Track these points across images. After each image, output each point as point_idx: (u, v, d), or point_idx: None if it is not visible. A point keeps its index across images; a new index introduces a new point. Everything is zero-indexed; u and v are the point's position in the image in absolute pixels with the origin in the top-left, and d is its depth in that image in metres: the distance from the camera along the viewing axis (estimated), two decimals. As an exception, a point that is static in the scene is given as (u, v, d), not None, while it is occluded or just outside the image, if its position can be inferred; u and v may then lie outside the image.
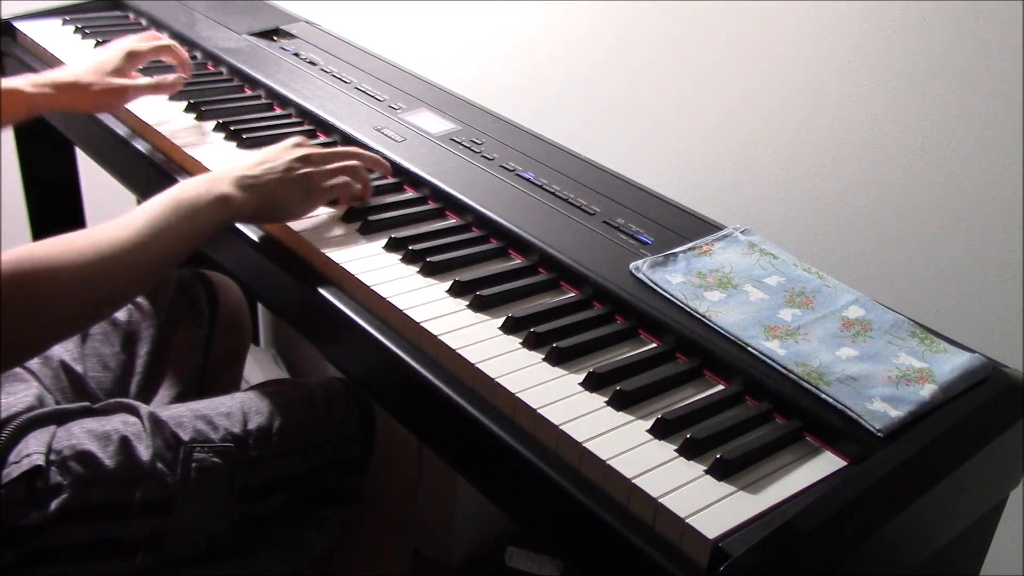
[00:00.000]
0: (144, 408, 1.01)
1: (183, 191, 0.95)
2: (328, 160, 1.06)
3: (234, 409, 1.04)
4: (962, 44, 1.17)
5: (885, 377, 0.86)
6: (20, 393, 1.03)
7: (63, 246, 0.85)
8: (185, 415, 1.02)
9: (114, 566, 0.96)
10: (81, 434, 0.96)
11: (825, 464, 0.80)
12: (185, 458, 0.98)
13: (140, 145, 1.27)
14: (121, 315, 1.22)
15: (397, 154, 1.20)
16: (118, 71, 1.25)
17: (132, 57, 1.27)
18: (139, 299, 1.25)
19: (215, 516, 1.00)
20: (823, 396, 0.84)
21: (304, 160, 1.04)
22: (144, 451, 0.97)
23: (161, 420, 1.00)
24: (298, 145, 1.06)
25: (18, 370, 1.07)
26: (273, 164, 1.02)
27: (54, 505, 0.92)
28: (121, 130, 1.31)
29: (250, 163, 1.02)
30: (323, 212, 1.10)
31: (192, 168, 1.19)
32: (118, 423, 0.99)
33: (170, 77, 1.28)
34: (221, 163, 1.06)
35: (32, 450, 0.93)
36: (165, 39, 1.33)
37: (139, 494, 0.95)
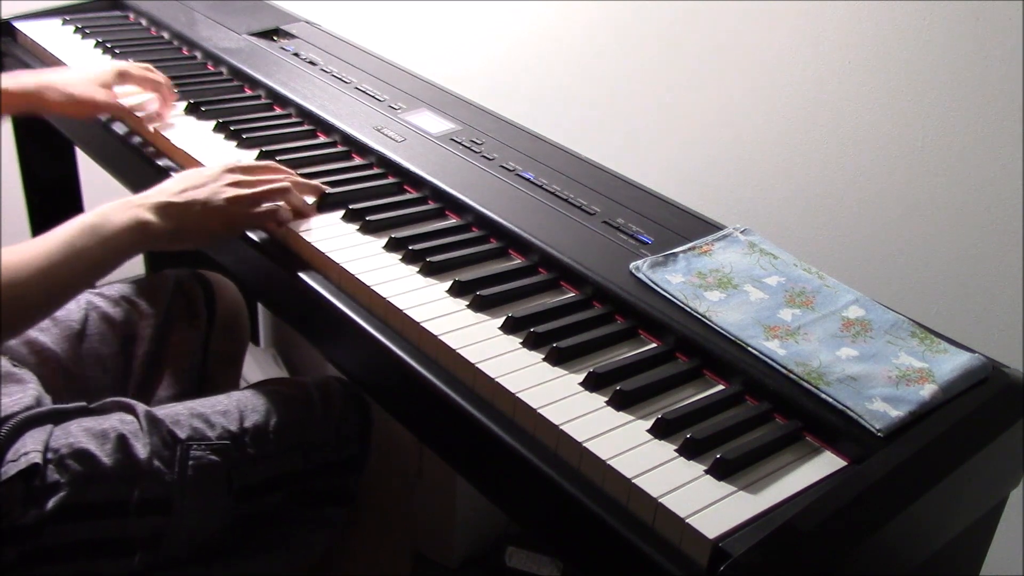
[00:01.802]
0: (141, 407, 1.01)
1: (98, 216, 0.95)
2: (257, 185, 1.04)
3: (231, 407, 1.04)
4: (962, 44, 1.17)
5: (885, 377, 0.86)
6: (16, 394, 1.02)
7: None
8: (182, 413, 1.02)
9: (112, 565, 0.96)
10: (79, 432, 0.96)
11: (825, 464, 0.80)
12: (182, 456, 0.98)
13: (140, 145, 1.27)
14: (119, 315, 1.22)
15: (397, 154, 1.20)
16: (108, 85, 1.28)
17: (122, 76, 1.29)
18: (137, 300, 1.25)
19: (213, 514, 1.00)
20: (823, 396, 0.84)
21: (232, 186, 1.02)
22: (142, 449, 0.97)
23: (157, 418, 1.00)
24: (229, 171, 1.04)
25: (15, 371, 1.07)
26: (197, 193, 1.00)
27: (52, 503, 0.92)
28: (121, 130, 1.31)
29: (175, 188, 1.00)
30: (321, 212, 1.10)
31: (186, 163, 1.19)
32: (115, 421, 0.99)
33: (151, 108, 1.30)
34: (220, 163, 1.06)
35: (30, 448, 0.93)
36: (159, 77, 1.33)
37: (137, 492, 0.95)
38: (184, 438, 0.99)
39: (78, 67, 1.30)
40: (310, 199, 1.11)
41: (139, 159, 1.26)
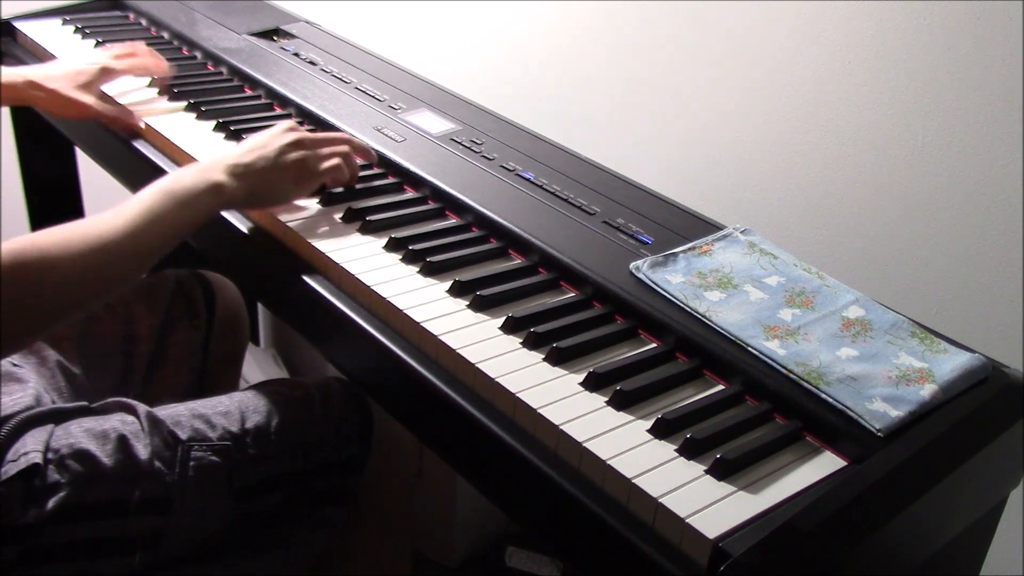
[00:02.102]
0: (142, 407, 1.01)
1: (175, 181, 0.97)
2: (319, 145, 1.08)
3: (232, 408, 1.04)
4: (962, 44, 1.17)
5: (885, 377, 0.86)
6: (17, 394, 1.02)
7: (58, 237, 0.87)
8: (183, 414, 1.02)
9: (113, 565, 0.96)
10: (79, 433, 0.96)
11: (825, 464, 0.80)
12: (183, 457, 0.98)
13: (140, 145, 1.27)
14: (120, 316, 1.22)
15: (397, 154, 1.20)
16: (89, 84, 1.27)
17: (106, 73, 1.29)
18: (137, 300, 1.25)
19: (213, 515, 1.00)
20: (823, 396, 0.84)
21: (295, 145, 1.05)
22: (142, 450, 0.97)
23: (159, 419, 1.00)
24: (290, 130, 1.08)
25: (16, 371, 1.07)
26: (264, 151, 1.03)
27: (52, 503, 0.92)
28: (121, 130, 1.31)
29: (242, 150, 1.03)
30: (321, 210, 1.10)
31: (185, 162, 1.19)
32: (116, 422, 0.99)
33: (134, 117, 1.30)
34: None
35: (30, 448, 0.93)
36: (140, 53, 1.34)
37: (137, 493, 0.95)
38: (185, 439, 0.99)
39: (64, 62, 1.29)
40: (362, 162, 1.16)
41: (139, 159, 1.26)
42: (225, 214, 1.10)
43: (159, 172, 1.22)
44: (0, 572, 0.91)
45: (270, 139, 1.06)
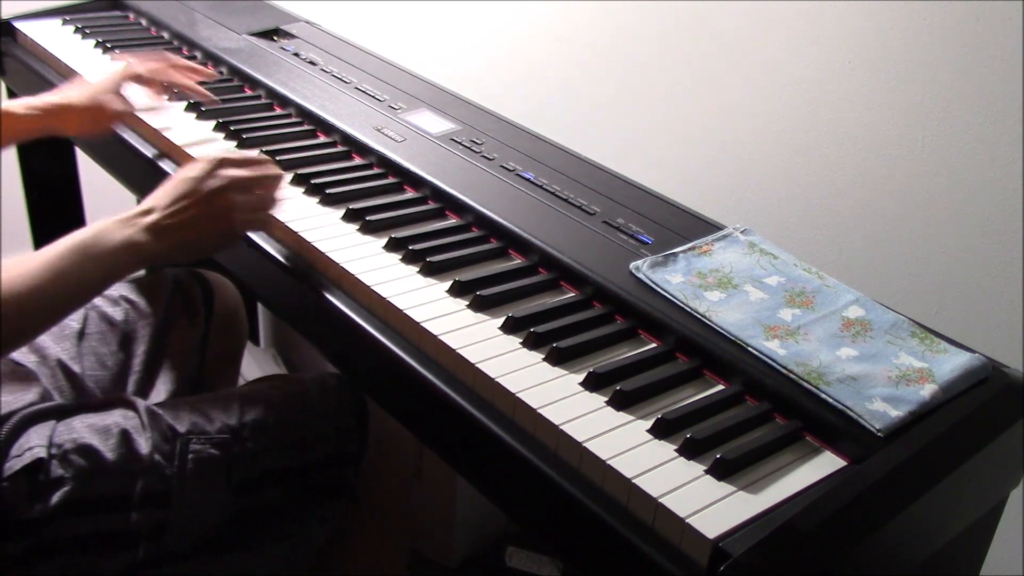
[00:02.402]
0: (141, 402, 1.02)
1: (93, 236, 0.91)
2: (250, 183, 0.99)
3: (230, 402, 1.05)
4: (962, 44, 1.17)
5: (885, 377, 0.86)
6: (19, 391, 1.03)
7: None
8: (182, 408, 1.02)
9: (116, 558, 0.96)
10: (82, 428, 0.97)
11: (825, 464, 0.80)
12: (182, 450, 0.98)
13: (140, 145, 1.27)
14: (118, 315, 1.22)
15: (397, 154, 1.20)
16: (113, 99, 1.23)
17: (129, 71, 1.26)
18: (136, 299, 1.25)
19: (212, 508, 1.00)
20: (823, 396, 0.84)
21: (223, 193, 0.96)
22: (143, 444, 0.97)
23: (158, 413, 1.01)
24: (217, 167, 0.97)
25: (17, 369, 1.08)
26: (189, 204, 0.95)
27: (56, 498, 0.92)
28: (121, 130, 1.30)
29: (166, 201, 0.95)
30: (322, 210, 1.10)
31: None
32: (118, 417, 1.00)
33: (155, 103, 1.28)
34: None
35: (34, 444, 0.94)
36: (175, 61, 1.31)
37: (139, 486, 0.96)
38: (184, 432, 1.00)
39: (80, 86, 1.24)
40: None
41: (139, 159, 1.26)
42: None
43: (159, 172, 1.22)
44: (5, 566, 0.92)
45: (196, 184, 0.96)
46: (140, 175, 1.31)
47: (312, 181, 1.15)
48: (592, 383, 0.85)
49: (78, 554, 0.95)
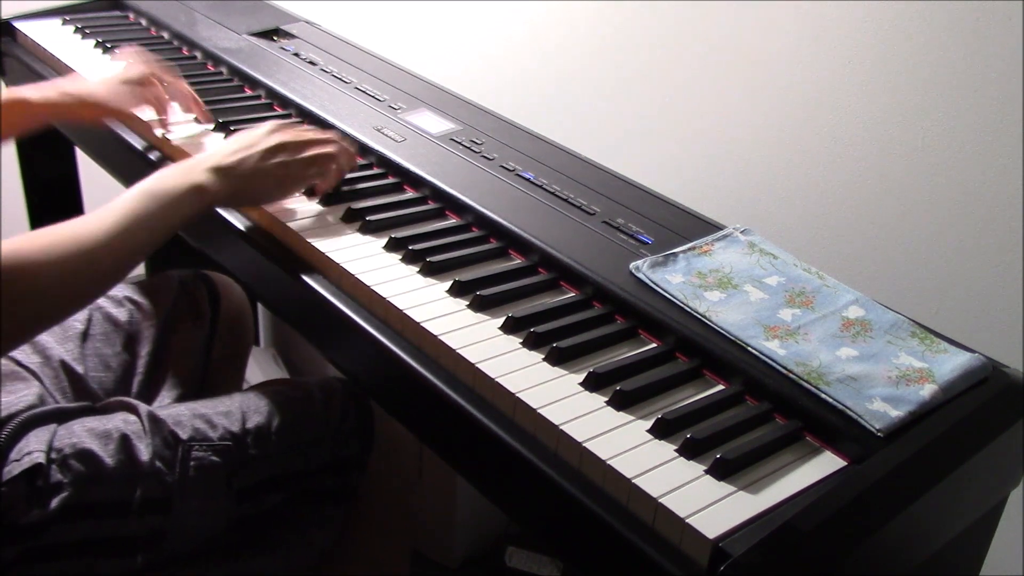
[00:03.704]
0: (143, 407, 1.01)
1: (157, 182, 0.97)
2: (305, 147, 1.07)
3: (232, 408, 1.04)
4: (962, 44, 1.17)
5: (885, 377, 0.86)
6: (20, 392, 1.03)
7: (42, 242, 0.87)
8: (184, 414, 1.02)
9: (114, 564, 0.96)
10: (82, 432, 0.96)
11: (825, 464, 0.80)
12: (184, 457, 0.98)
13: (140, 145, 1.27)
14: (122, 315, 1.22)
15: (397, 154, 1.20)
16: (129, 82, 1.24)
17: (147, 82, 1.25)
18: (141, 300, 1.25)
19: (214, 515, 1.00)
20: (823, 396, 0.84)
21: (280, 148, 1.05)
22: (144, 450, 0.97)
23: (160, 419, 1.00)
24: (277, 130, 1.07)
25: (19, 370, 1.07)
26: (249, 152, 1.03)
27: (55, 503, 0.92)
28: (121, 130, 1.30)
29: (227, 150, 1.03)
30: (321, 210, 1.10)
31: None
32: (119, 422, 0.99)
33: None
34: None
35: (33, 448, 0.93)
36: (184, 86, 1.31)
37: (139, 492, 0.95)
38: (186, 439, 0.99)
39: (101, 76, 1.25)
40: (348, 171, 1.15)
41: (140, 160, 1.26)
42: (224, 214, 1.10)
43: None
44: (2, 571, 0.91)
45: (255, 139, 1.05)
46: (140, 176, 1.31)
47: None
48: (592, 383, 0.85)
49: (76, 559, 0.94)
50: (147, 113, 1.26)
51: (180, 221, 0.97)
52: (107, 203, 0.93)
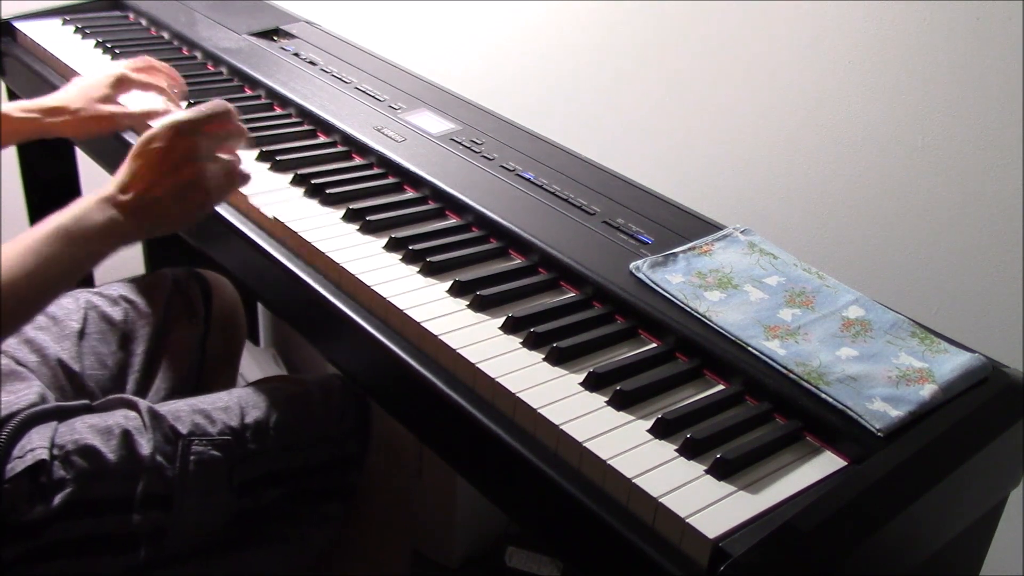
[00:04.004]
0: (143, 403, 1.02)
1: (71, 219, 0.90)
2: (211, 144, 0.97)
3: (231, 404, 1.05)
4: (962, 44, 1.17)
5: (885, 377, 0.86)
6: (21, 391, 1.03)
7: None
8: (183, 409, 1.02)
9: (117, 560, 0.96)
10: (83, 429, 0.97)
11: (825, 464, 0.80)
12: (184, 451, 0.98)
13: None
14: (118, 314, 1.22)
15: (397, 154, 1.20)
16: (106, 97, 1.21)
17: (122, 83, 1.23)
18: (136, 299, 1.26)
19: (214, 509, 1.00)
20: (823, 396, 0.84)
21: (188, 159, 0.94)
22: (145, 445, 0.97)
23: (160, 414, 1.00)
24: (177, 132, 0.95)
25: (19, 368, 1.08)
26: (158, 177, 0.93)
27: (58, 499, 0.92)
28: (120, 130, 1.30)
29: (139, 180, 0.94)
30: (322, 210, 1.10)
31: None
32: (119, 418, 0.99)
33: (159, 106, 1.24)
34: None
35: (36, 445, 0.94)
36: (156, 65, 1.29)
37: (141, 488, 0.96)
38: (186, 433, 1.00)
39: (76, 83, 1.23)
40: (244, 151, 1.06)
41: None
42: (225, 214, 1.10)
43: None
44: (6, 568, 0.92)
45: (161, 157, 0.94)
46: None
47: (312, 181, 1.15)
48: (592, 383, 0.85)
49: (79, 556, 0.95)
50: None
51: (92, 260, 0.92)
52: (20, 234, 0.88)
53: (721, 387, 0.88)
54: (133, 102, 1.25)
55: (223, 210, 1.10)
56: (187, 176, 0.94)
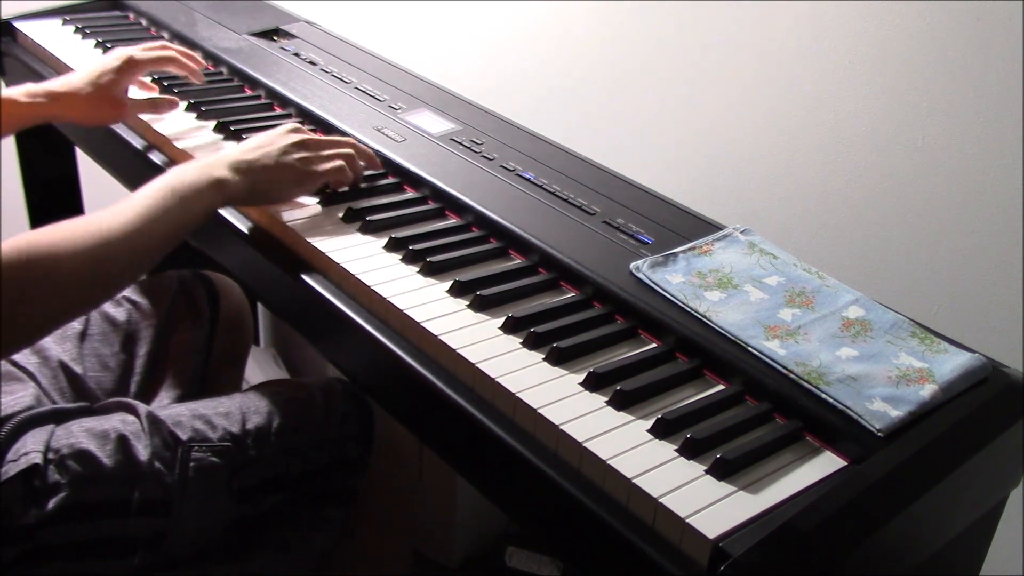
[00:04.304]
0: (142, 407, 1.01)
1: (178, 177, 0.97)
2: (322, 147, 1.09)
3: (232, 409, 1.04)
4: (962, 44, 1.17)
5: (885, 377, 0.86)
6: (18, 393, 1.03)
7: (63, 233, 0.87)
8: (183, 414, 1.02)
9: (112, 565, 0.96)
10: (80, 433, 0.96)
11: (825, 464, 0.80)
12: (183, 457, 0.98)
13: (140, 145, 1.27)
14: (121, 315, 1.22)
15: (397, 154, 1.20)
16: (115, 81, 1.22)
17: (131, 65, 1.23)
18: (139, 299, 1.25)
19: (213, 515, 1.00)
20: (823, 396, 0.84)
21: (298, 145, 1.06)
22: (143, 450, 0.97)
23: (159, 419, 1.00)
24: (294, 130, 1.09)
25: (16, 371, 1.07)
26: (268, 149, 1.05)
27: (52, 504, 0.92)
28: (121, 130, 1.30)
29: (246, 147, 1.05)
30: (321, 210, 1.10)
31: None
32: (117, 422, 0.99)
33: (168, 96, 1.28)
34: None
35: (30, 448, 0.93)
36: (170, 49, 1.31)
37: (137, 493, 0.95)
38: (185, 439, 0.99)
39: (82, 70, 1.23)
40: (367, 169, 1.17)
41: (139, 159, 1.26)
42: (225, 214, 1.10)
43: (158, 171, 1.22)
44: (2, 570, 0.91)
45: (274, 138, 1.06)
46: (140, 175, 1.31)
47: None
48: (592, 383, 0.85)
49: (74, 561, 0.94)
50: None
51: (200, 217, 0.98)
52: (124, 198, 0.94)
53: (721, 387, 0.88)
54: (139, 91, 1.26)
55: (222, 211, 1.10)
56: (296, 151, 1.06)
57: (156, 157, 1.25)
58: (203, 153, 1.21)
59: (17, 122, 1.21)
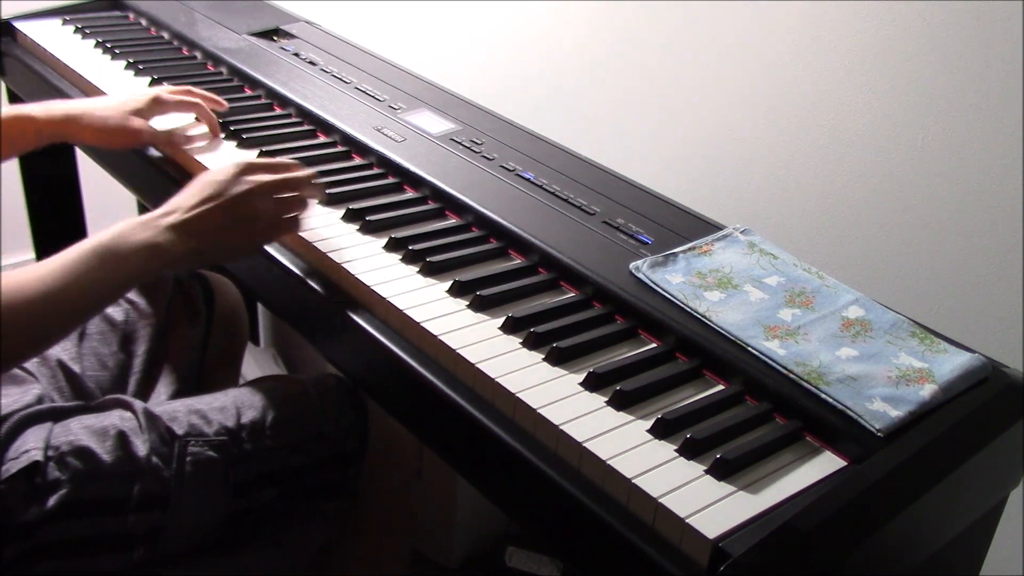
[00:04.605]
0: (138, 404, 1.02)
1: (112, 237, 0.90)
2: (278, 188, 0.98)
3: (227, 404, 1.04)
4: (962, 44, 1.17)
5: (885, 377, 0.86)
6: (16, 393, 1.03)
7: None
8: (179, 410, 1.02)
9: (112, 561, 0.96)
10: (79, 430, 0.97)
11: (825, 464, 0.80)
12: (180, 452, 0.98)
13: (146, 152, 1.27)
14: (119, 315, 1.22)
15: (397, 154, 1.20)
16: (139, 112, 1.21)
17: (157, 103, 1.23)
18: (137, 299, 1.25)
19: (211, 509, 1.00)
20: (823, 396, 0.84)
21: (251, 194, 0.95)
22: (141, 446, 0.97)
23: (155, 415, 1.00)
24: (245, 171, 0.97)
25: (16, 371, 1.08)
26: (214, 204, 0.93)
27: (53, 501, 0.92)
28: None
29: (189, 202, 0.94)
30: (322, 210, 1.10)
31: (192, 168, 1.19)
32: (115, 419, 0.99)
33: (187, 132, 1.25)
34: (221, 163, 1.02)
35: (30, 446, 0.94)
36: (196, 95, 1.28)
37: (137, 489, 0.96)
38: (182, 434, 0.99)
39: (111, 95, 1.22)
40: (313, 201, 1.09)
41: (138, 159, 1.26)
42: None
43: (160, 172, 1.22)
44: (3, 568, 0.92)
45: (221, 187, 0.94)
46: (140, 176, 1.31)
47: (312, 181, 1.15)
48: (592, 383, 0.85)
49: (74, 557, 0.94)
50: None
51: (130, 282, 0.92)
52: (65, 249, 0.88)
53: (721, 387, 0.88)
54: (161, 122, 1.24)
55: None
56: (243, 210, 0.94)
57: (156, 158, 1.25)
58: (202, 153, 1.21)
59: (35, 139, 1.19)
